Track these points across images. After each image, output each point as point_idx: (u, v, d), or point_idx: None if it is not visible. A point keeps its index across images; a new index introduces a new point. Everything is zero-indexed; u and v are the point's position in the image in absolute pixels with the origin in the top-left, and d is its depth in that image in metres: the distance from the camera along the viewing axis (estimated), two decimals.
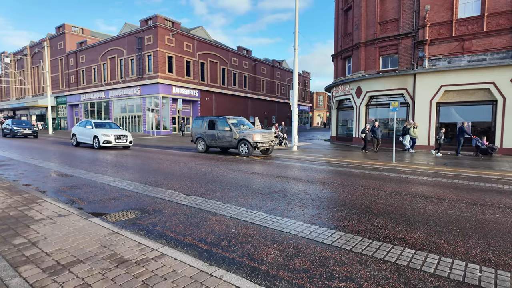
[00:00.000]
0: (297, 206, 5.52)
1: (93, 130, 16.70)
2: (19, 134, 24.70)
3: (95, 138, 16.39)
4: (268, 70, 51.68)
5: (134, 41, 35.23)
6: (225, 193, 6.45)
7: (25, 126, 25.83)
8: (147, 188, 6.89)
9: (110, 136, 16.14)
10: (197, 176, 8.42)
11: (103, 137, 16.01)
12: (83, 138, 17.55)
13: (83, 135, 17.57)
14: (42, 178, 8.08)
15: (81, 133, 17.71)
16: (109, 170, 9.30)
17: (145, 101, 34.93)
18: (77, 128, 18.30)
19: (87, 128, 17.21)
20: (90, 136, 16.87)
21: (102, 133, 16.14)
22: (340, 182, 8.00)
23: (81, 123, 18.46)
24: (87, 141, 17.25)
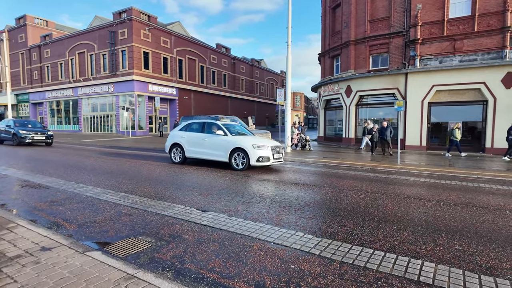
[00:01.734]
0: (322, 218, 4.55)
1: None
2: (28, 140, 17.13)
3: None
4: (247, 69, 50.67)
5: (106, 35, 32.87)
6: (249, 208, 5.35)
7: (35, 128, 18.19)
8: (149, 202, 5.63)
9: None
10: (203, 185, 7.23)
11: None
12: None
13: None
14: (7, 190, 6.54)
15: None
16: (93, 179, 7.85)
17: (119, 100, 32.70)
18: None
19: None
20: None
21: None
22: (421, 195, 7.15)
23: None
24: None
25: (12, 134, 17.45)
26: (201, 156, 10.36)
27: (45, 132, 18.07)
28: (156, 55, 33.73)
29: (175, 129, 11.49)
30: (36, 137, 17.53)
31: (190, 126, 11.01)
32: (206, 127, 10.60)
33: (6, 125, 18.33)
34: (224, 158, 9.75)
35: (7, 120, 19.50)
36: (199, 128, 10.76)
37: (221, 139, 9.86)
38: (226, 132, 9.92)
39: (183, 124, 11.44)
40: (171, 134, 11.33)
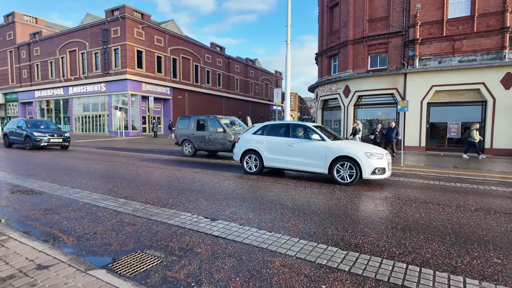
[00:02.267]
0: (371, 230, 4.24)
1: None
2: (43, 144, 15.13)
3: None
4: (242, 68, 50.27)
5: (98, 33, 32.13)
6: (261, 215, 5.00)
7: (50, 130, 16.19)
8: (152, 209, 5.24)
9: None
10: (206, 190, 6.85)
11: None
12: None
13: None
14: None
15: None
16: (89, 183, 7.40)
17: (112, 99, 32.01)
18: None
19: None
20: None
21: None
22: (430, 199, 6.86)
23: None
24: None
25: (25, 136, 15.36)
26: (287, 166, 8.43)
27: (61, 134, 16.00)
28: (149, 54, 33.11)
29: (247, 132, 9.55)
30: (53, 139, 15.48)
31: (268, 129, 9.11)
32: (291, 130, 8.65)
33: (17, 126, 16.16)
34: (322, 169, 7.90)
35: (17, 120, 17.13)
36: (282, 131, 8.79)
37: (317, 145, 7.97)
38: (323, 136, 8.10)
39: (257, 126, 9.42)
40: (243, 138, 9.41)
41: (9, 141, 16.78)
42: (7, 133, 16.93)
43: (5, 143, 17.20)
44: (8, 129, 16.99)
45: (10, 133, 16.63)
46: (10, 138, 16.70)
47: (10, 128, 16.84)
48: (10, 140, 16.69)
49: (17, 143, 16.39)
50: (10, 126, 17.04)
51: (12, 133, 16.51)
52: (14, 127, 16.47)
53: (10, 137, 16.69)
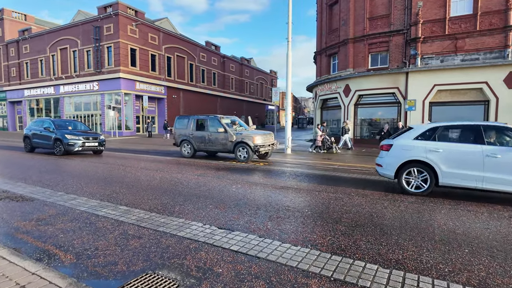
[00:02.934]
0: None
1: None
2: (77, 148, 12.83)
3: None
4: (237, 68, 49.72)
5: (90, 30, 31.25)
6: (281, 225, 4.53)
7: (84, 132, 13.68)
8: (158, 219, 4.72)
9: None
10: (214, 195, 6.36)
11: None
12: None
13: None
14: None
15: None
16: (85, 188, 6.83)
17: (105, 98, 31.18)
18: None
19: None
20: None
21: None
22: None
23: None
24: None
25: (54, 140, 12.92)
26: (483, 185, 5.98)
27: (97, 137, 13.59)
28: (143, 52, 32.35)
29: (404, 136, 7.00)
30: (88, 143, 13.03)
31: (442, 132, 6.57)
32: (488, 134, 6.19)
33: (44, 127, 13.58)
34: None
35: (40, 120, 14.57)
36: (468, 136, 6.34)
37: None
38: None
39: (419, 128, 6.93)
40: (400, 145, 6.85)
41: (32, 144, 14.22)
42: (29, 136, 14.21)
43: (26, 147, 14.58)
44: (30, 131, 14.27)
45: (34, 135, 14.01)
46: (33, 141, 14.09)
47: (33, 130, 14.17)
48: (33, 143, 14.13)
49: (43, 147, 13.91)
50: (33, 127, 14.39)
51: (36, 136, 13.93)
52: (39, 128, 13.93)
53: (33, 140, 14.07)
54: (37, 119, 15.45)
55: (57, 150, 12.98)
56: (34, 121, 15.13)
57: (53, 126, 13.38)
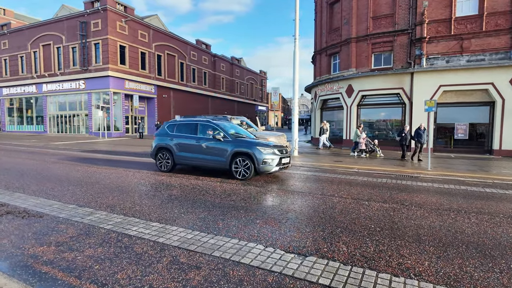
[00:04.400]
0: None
1: None
2: (274, 169, 7.97)
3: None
4: (228, 67, 48.81)
5: (76, 26, 29.66)
6: (354, 241, 3.83)
7: (266, 142, 9.04)
8: (205, 239, 3.94)
9: None
10: (253, 207, 5.60)
11: None
12: None
13: None
14: None
15: None
16: (99, 199, 5.91)
17: (92, 97, 29.68)
18: None
19: None
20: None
21: None
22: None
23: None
24: None
25: (233, 154, 8.04)
26: None
27: (285, 150, 8.73)
28: (133, 49, 31.00)
29: None
30: (285, 160, 8.38)
31: None
32: None
33: (214, 130, 8.59)
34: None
35: (203, 121, 9.14)
36: None
37: None
38: None
39: None
40: None
41: (175, 160, 9.05)
42: (169, 147, 9.14)
43: (161, 164, 9.32)
44: (170, 140, 9.16)
45: (179, 147, 8.98)
46: (177, 155, 8.98)
47: (177, 138, 9.08)
48: (178, 158, 9.00)
49: (200, 164, 8.85)
50: (176, 132, 9.26)
51: (182, 148, 8.93)
52: (209, 134, 8.66)
53: (178, 154, 8.97)
54: (176, 122, 9.78)
55: (247, 173, 8.02)
56: (170, 125, 9.74)
57: (226, 131, 8.64)
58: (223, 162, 8.23)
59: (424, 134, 13.04)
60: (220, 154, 8.25)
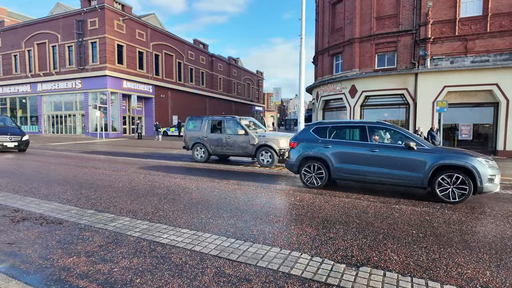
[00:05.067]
0: None
1: None
2: (497, 188, 6.09)
3: None
4: (225, 67, 48.52)
5: (72, 24, 29.11)
6: (430, 254, 3.63)
7: None
8: (244, 247, 3.70)
9: None
10: (282, 213, 5.38)
11: None
12: None
13: None
14: None
15: None
16: (118, 204, 5.62)
17: (89, 97, 29.14)
18: None
19: None
20: None
21: None
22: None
23: None
24: None
25: (461, 169, 5.97)
26: None
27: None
28: (131, 48, 30.54)
29: None
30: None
31: None
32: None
33: (400, 136, 6.72)
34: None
35: (373, 124, 7.06)
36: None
37: None
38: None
39: None
40: None
41: (331, 173, 7.13)
42: (323, 157, 7.17)
43: (309, 178, 7.40)
44: (324, 147, 7.18)
45: (340, 157, 7.00)
46: (337, 167, 7.00)
47: (337, 146, 7.11)
48: (337, 171, 7.05)
49: (375, 180, 6.79)
50: (332, 138, 7.29)
51: (346, 158, 6.98)
52: (362, 141, 6.92)
53: (338, 166, 6.99)
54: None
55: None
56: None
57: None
58: (416, 178, 6.17)
59: (438, 135, 12.88)
60: (412, 168, 6.22)
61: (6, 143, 13.73)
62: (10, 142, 13.84)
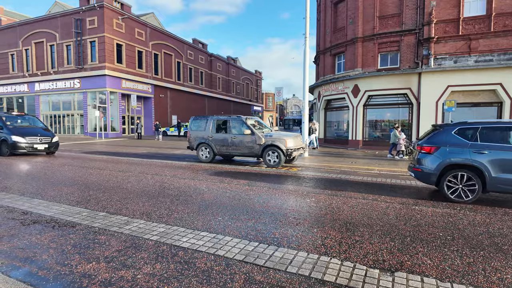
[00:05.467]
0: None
1: None
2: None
3: None
4: (224, 67, 48.31)
5: (70, 23, 28.78)
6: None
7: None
8: (269, 251, 3.54)
9: None
10: (312, 217, 5.23)
11: None
12: None
13: None
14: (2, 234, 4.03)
15: None
16: (130, 206, 5.44)
17: (87, 97, 28.83)
18: None
19: None
20: None
21: None
22: None
23: None
24: None
25: None
26: None
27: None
28: (130, 48, 30.26)
29: None
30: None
31: None
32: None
33: None
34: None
35: None
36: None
37: None
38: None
39: None
40: None
41: (487, 186, 5.95)
42: (477, 165, 5.92)
43: (456, 191, 6.15)
44: (476, 153, 6.00)
45: (502, 165, 5.86)
46: (498, 178, 5.84)
47: (495, 151, 5.92)
48: (498, 183, 5.87)
49: None
50: (484, 142, 6.07)
51: None
52: None
53: (499, 177, 5.81)
54: None
55: None
56: None
57: None
58: None
59: None
60: None
61: (36, 145, 12.74)
62: (40, 144, 12.90)
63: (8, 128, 12.71)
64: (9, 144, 12.36)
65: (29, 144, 12.63)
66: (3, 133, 12.60)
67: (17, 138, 12.42)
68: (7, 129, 12.66)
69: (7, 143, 12.42)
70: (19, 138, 12.45)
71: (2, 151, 12.64)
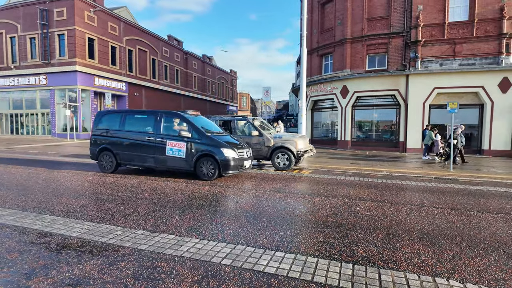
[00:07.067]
0: None
1: None
2: None
3: None
4: (200, 65, 47.05)
5: (35, 14, 26.35)
6: None
7: None
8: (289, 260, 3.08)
9: None
10: (377, 225, 4.80)
11: None
12: None
13: None
14: (22, 260, 3.20)
15: None
16: (169, 221, 4.72)
17: (55, 94, 26.54)
18: None
19: None
20: None
21: None
22: None
23: None
24: None
25: None
26: None
27: None
28: (103, 42, 28.31)
29: None
30: None
31: None
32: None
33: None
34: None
35: None
36: None
37: None
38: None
39: None
40: None
41: None
42: None
43: None
44: None
45: None
46: None
47: None
48: None
49: None
50: None
51: None
52: None
53: None
54: None
55: None
56: None
57: None
58: None
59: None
60: None
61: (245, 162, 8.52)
62: (248, 159, 8.67)
63: (205, 135, 8.14)
64: (220, 161, 7.78)
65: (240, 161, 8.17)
66: (201, 144, 8.00)
67: (229, 153, 7.90)
68: (205, 137, 8.09)
69: (214, 159, 7.82)
70: (230, 152, 7.94)
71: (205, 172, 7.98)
